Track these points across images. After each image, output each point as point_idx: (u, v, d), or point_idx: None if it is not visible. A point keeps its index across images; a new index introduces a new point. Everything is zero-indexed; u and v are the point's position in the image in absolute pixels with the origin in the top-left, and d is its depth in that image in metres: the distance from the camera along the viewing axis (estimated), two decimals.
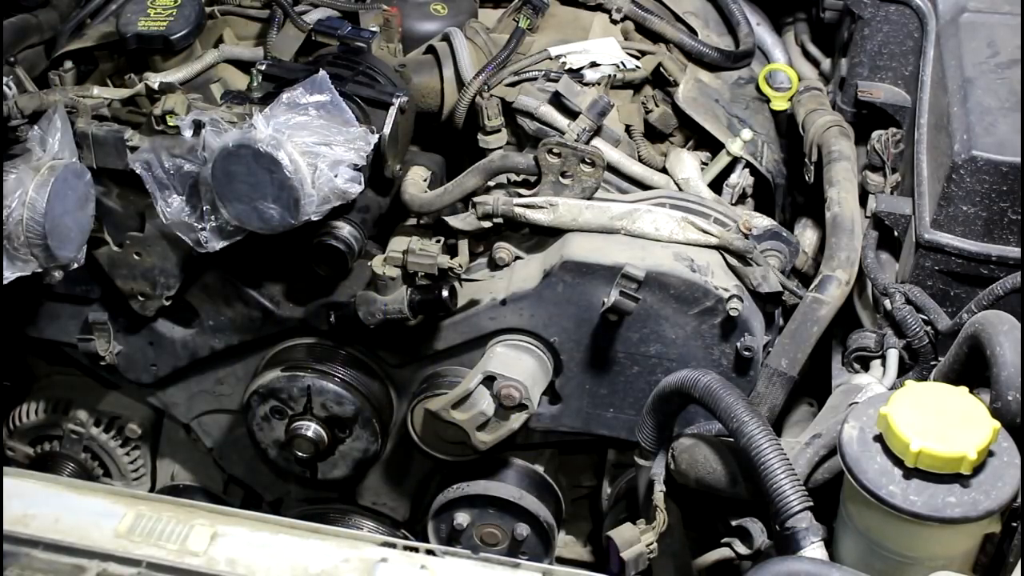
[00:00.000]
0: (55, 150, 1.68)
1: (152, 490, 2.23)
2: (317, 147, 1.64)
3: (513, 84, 1.95)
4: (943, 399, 1.28)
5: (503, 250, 1.81)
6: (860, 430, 1.30)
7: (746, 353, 1.72)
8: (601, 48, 2.02)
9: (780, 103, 2.20)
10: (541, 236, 1.81)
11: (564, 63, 1.97)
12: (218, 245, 1.74)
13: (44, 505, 1.22)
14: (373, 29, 1.98)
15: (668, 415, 1.58)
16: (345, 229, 1.77)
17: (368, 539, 1.23)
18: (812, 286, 1.77)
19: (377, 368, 1.91)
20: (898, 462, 1.25)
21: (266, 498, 2.20)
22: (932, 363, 1.65)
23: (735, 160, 2.01)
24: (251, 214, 1.68)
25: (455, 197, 1.81)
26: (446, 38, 2.03)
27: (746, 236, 1.78)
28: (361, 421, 1.87)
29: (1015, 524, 1.30)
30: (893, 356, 1.68)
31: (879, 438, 1.27)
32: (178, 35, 1.91)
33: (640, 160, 2.00)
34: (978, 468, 1.23)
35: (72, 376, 2.19)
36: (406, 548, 1.22)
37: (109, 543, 1.19)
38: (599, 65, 1.99)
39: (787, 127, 2.21)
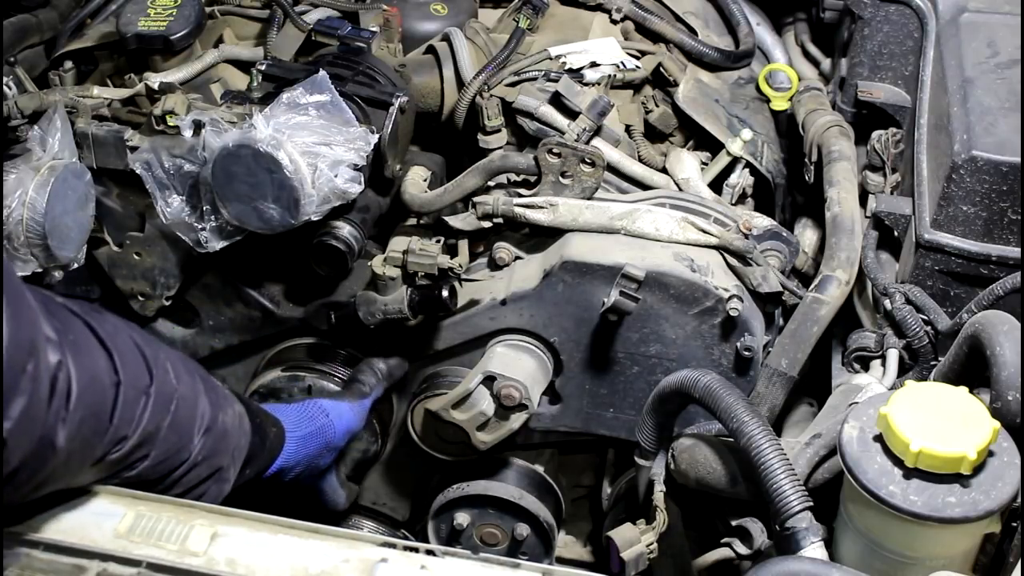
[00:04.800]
0: (55, 150, 1.68)
1: None
2: (317, 147, 1.64)
3: (513, 84, 1.95)
4: (943, 399, 1.28)
5: (503, 250, 1.81)
6: (860, 430, 1.30)
7: (746, 353, 1.72)
8: (601, 48, 2.03)
9: (780, 103, 2.20)
10: (541, 236, 1.81)
11: (564, 63, 1.97)
12: (218, 245, 1.74)
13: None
14: (373, 29, 1.98)
15: (668, 415, 1.59)
16: (345, 229, 1.77)
17: (368, 539, 1.23)
18: (812, 286, 1.77)
19: None
20: (898, 462, 1.25)
21: None
22: (932, 363, 1.65)
23: (735, 160, 2.01)
24: (251, 214, 1.68)
25: (455, 197, 1.81)
26: (446, 38, 2.03)
27: (746, 236, 1.78)
28: None
29: (1015, 524, 1.30)
30: (893, 356, 1.69)
31: (879, 438, 1.27)
32: (178, 35, 1.91)
33: (640, 160, 2.00)
34: (978, 468, 1.23)
35: None
36: (406, 548, 1.22)
37: (109, 543, 1.18)
38: (599, 65, 1.99)
39: (787, 127, 2.21)
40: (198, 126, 1.68)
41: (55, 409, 1.10)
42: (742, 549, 1.53)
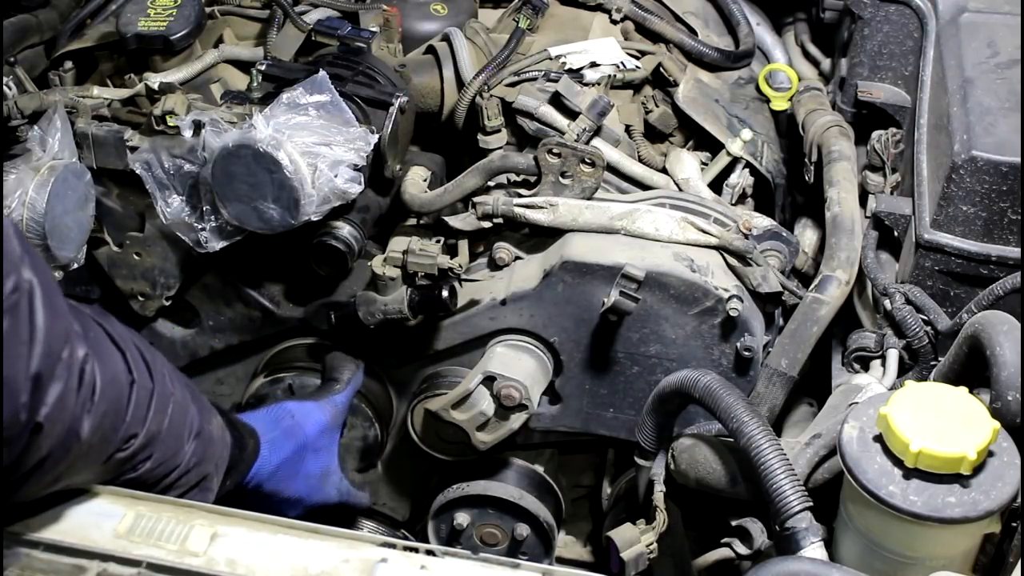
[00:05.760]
0: (55, 150, 1.68)
1: None
2: (317, 147, 1.64)
3: (513, 84, 1.95)
4: (943, 399, 1.28)
5: (503, 250, 1.81)
6: (860, 430, 1.30)
7: (746, 353, 1.72)
8: (601, 48, 2.02)
9: (780, 103, 2.20)
10: (541, 236, 1.81)
11: (564, 63, 1.97)
12: (218, 245, 1.74)
13: (44, 505, 1.22)
14: (373, 29, 1.98)
15: (668, 415, 1.59)
16: (345, 229, 1.77)
17: (368, 539, 1.23)
18: (812, 286, 1.77)
19: (376, 367, 1.91)
20: (898, 462, 1.25)
21: None
22: (932, 363, 1.65)
23: (735, 160, 2.01)
24: (251, 214, 1.68)
25: (455, 197, 1.81)
26: (446, 38, 2.03)
27: (746, 236, 1.78)
28: (350, 409, 1.86)
29: (1015, 524, 1.30)
30: (893, 356, 1.68)
31: (879, 438, 1.27)
32: (178, 35, 1.91)
33: (640, 160, 2.00)
34: (978, 468, 1.23)
35: None
36: (406, 548, 1.22)
37: (109, 543, 1.19)
38: (599, 65, 1.99)
39: (787, 127, 2.21)
40: (198, 126, 1.68)
41: (82, 400, 1.13)
42: (742, 549, 1.53)
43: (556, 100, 1.88)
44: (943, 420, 1.24)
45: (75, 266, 1.73)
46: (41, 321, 1.06)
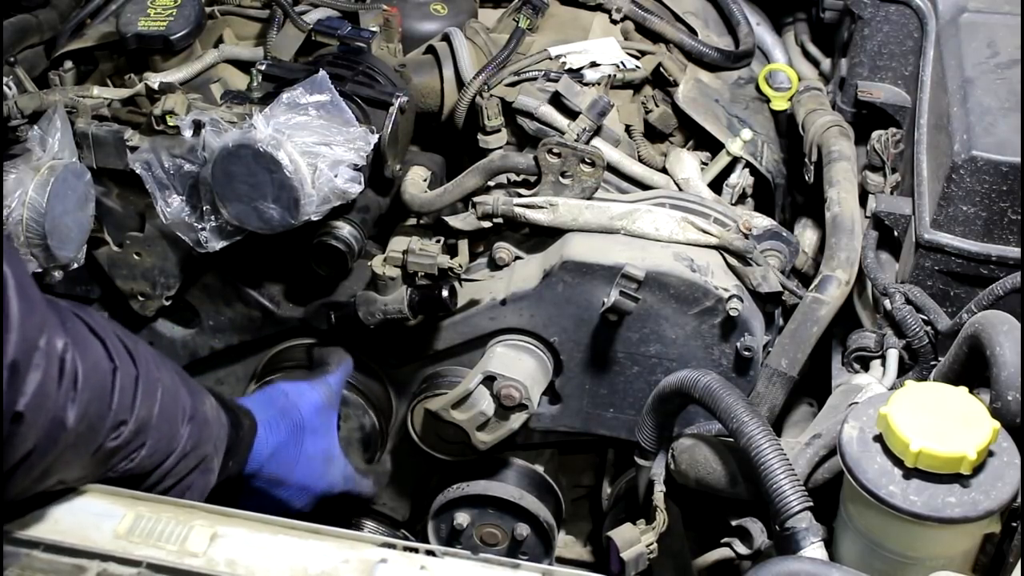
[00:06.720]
0: (55, 150, 1.68)
1: None
2: (317, 147, 1.64)
3: (513, 84, 1.95)
4: (943, 399, 1.28)
5: (503, 250, 1.81)
6: (860, 430, 1.30)
7: (746, 353, 1.72)
8: (601, 48, 2.03)
9: (780, 103, 2.20)
10: (541, 236, 1.81)
11: (564, 63, 1.97)
12: (218, 245, 1.74)
13: (43, 505, 1.22)
14: (373, 29, 1.98)
15: (668, 415, 1.59)
16: (345, 229, 1.77)
17: (368, 539, 1.23)
18: (812, 286, 1.77)
19: (375, 367, 1.91)
20: (898, 462, 1.25)
21: None
22: (932, 363, 1.65)
23: (735, 160, 2.01)
24: (251, 214, 1.68)
25: (455, 197, 1.81)
26: (446, 38, 2.03)
27: (746, 236, 1.78)
28: (344, 402, 1.86)
29: (1015, 524, 1.30)
30: (893, 356, 1.68)
31: (879, 438, 1.27)
32: (178, 35, 1.91)
33: (640, 160, 2.00)
34: (978, 468, 1.23)
35: None
36: (406, 548, 1.22)
37: (109, 543, 1.19)
38: (599, 65, 1.99)
39: (787, 127, 2.21)
40: (198, 126, 1.68)
41: (65, 389, 1.13)
42: (742, 549, 1.53)
43: (556, 100, 1.88)
44: (943, 420, 1.24)
45: (75, 266, 1.73)
46: (14, 310, 1.06)
